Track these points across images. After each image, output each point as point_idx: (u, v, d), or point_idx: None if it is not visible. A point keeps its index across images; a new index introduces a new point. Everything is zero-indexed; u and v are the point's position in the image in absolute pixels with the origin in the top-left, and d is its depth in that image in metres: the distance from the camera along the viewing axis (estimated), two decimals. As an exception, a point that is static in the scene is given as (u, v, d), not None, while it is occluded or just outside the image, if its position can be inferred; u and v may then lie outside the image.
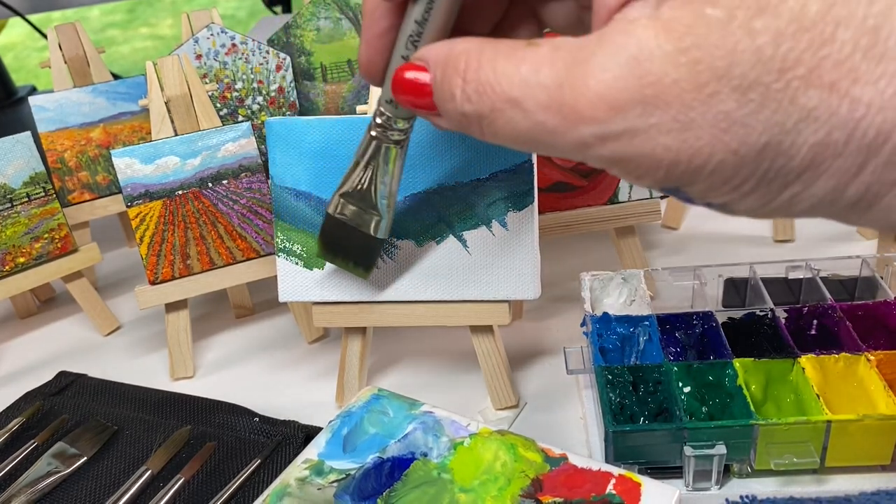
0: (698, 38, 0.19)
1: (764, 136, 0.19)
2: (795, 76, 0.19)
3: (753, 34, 0.19)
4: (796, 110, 0.19)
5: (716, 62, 0.19)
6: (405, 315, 0.46)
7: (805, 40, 0.19)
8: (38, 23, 1.03)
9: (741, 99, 0.19)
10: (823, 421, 0.38)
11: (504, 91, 0.22)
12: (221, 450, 0.44)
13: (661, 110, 0.20)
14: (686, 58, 0.19)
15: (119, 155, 0.51)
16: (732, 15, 0.19)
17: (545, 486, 0.36)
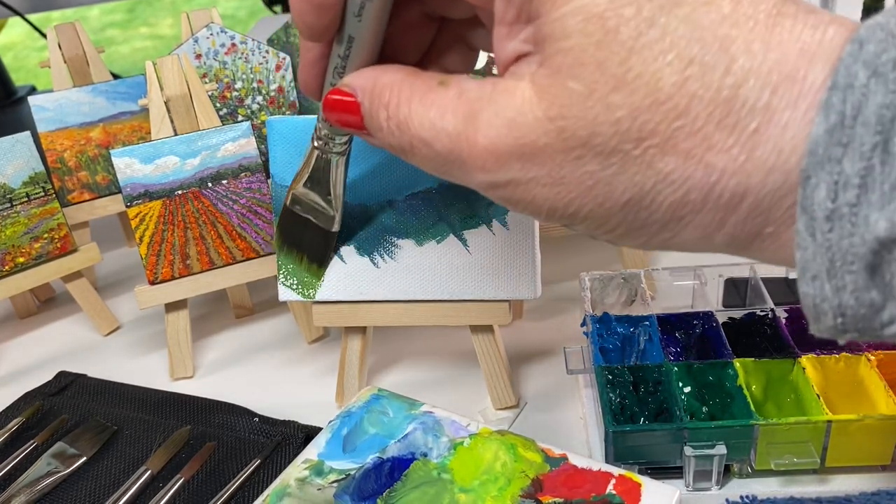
0: (563, 108, 0.21)
1: (626, 193, 0.22)
2: (652, 144, 0.21)
3: (611, 108, 0.21)
4: (654, 173, 0.21)
5: (579, 131, 0.21)
6: (405, 315, 0.46)
7: (660, 113, 0.20)
8: (37, 22, 1.03)
9: (604, 163, 0.21)
10: (824, 421, 0.38)
11: (417, 132, 0.25)
12: (221, 450, 0.44)
13: (537, 167, 0.22)
14: (554, 125, 0.21)
15: (119, 155, 0.51)
16: (592, 89, 0.21)
17: (545, 486, 0.36)
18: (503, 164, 0.23)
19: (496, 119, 0.23)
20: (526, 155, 0.22)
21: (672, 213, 0.22)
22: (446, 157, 0.24)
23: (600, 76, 0.21)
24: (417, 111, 0.25)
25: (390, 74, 0.26)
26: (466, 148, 0.23)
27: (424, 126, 0.24)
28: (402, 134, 0.25)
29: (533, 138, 0.22)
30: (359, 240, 0.45)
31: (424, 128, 0.24)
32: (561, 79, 0.21)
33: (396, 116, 0.25)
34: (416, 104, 0.25)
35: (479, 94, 0.23)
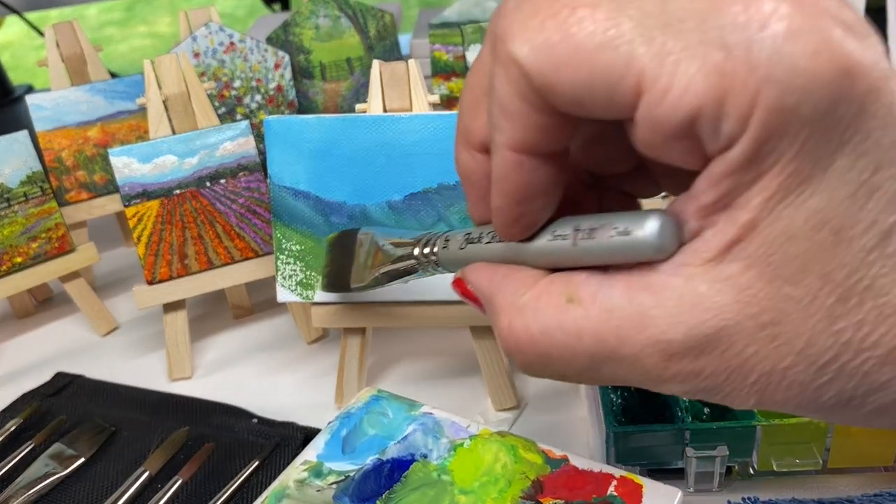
0: (777, 314, 0.19)
1: (833, 399, 0.20)
2: (872, 356, 0.19)
3: (833, 318, 0.19)
4: (869, 383, 0.20)
5: (794, 339, 0.19)
6: (405, 315, 0.46)
7: (885, 325, 0.19)
8: (35, 21, 1.02)
9: (816, 372, 0.20)
10: (826, 422, 0.38)
11: (548, 352, 0.22)
12: (220, 451, 0.44)
13: (743, 376, 0.20)
14: (764, 333, 0.19)
15: (116, 154, 0.51)
16: (814, 297, 0.19)
17: (546, 487, 0.36)
18: (696, 376, 0.20)
19: (677, 334, 0.20)
20: (731, 369, 0.20)
21: (876, 412, 0.20)
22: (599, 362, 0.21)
23: (824, 285, 0.19)
24: (543, 340, 0.22)
25: (509, 284, 0.23)
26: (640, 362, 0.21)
27: (557, 348, 0.22)
28: (522, 353, 0.23)
29: (740, 348, 0.20)
30: (358, 240, 0.45)
31: (557, 350, 0.22)
32: (777, 284, 0.19)
33: (516, 340, 0.23)
34: (538, 331, 0.22)
35: (636, 308, 0.20)
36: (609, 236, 0.21)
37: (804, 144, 0.18)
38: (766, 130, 0.18)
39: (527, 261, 0.24)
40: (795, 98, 0.17)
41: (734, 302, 0.19)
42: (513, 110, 0.21)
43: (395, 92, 0.45)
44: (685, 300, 0.20)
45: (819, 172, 0.18)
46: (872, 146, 0.18)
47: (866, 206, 0.18)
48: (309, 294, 0.46)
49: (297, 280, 0.46)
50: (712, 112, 0.18)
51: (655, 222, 0.20)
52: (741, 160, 0.18)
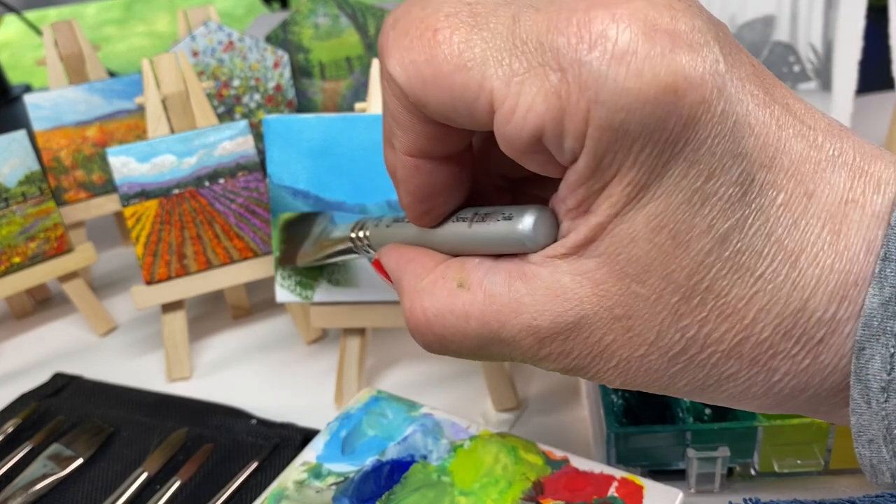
0: (629, 309, 0.21)
1: (688, 386, 0.22)
2: (717, 351, 0.21)
3: (678, 316, 0.21)
4: (717, 373, 0.22)
5: (645, 332, 0.21)
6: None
7: (726, 324, 0.21)
8: (33, 20, 1.02)
9: (668, 362, 0.22)
10: (827, 422, 0.37)
11: (442, 334, 0.24)
12: (218, 452, 0.44)
13: (604, 361, 0.22)
14: (620, 324, 0.21)
15: (115, 153, 0.50)
16: (659, 296, 0.21)
17: (546, 488, 0.35)
18: (566, 356, 0.23)
19: (545, 320, 0.22)
20: (594, 353, 0.22)
21: (731, 399, 0.22)
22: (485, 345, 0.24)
23: (667, 285, 0.20)
24: (437, 321, 0.24)
25: (412, 268, 0.26)
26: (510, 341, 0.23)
27: (449, 330, 0.24)
28: (420, 333, 0.25)
29: (599, 336, 0.22)
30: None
31: (450, 332, 0.24)
32: (626, 282, 0.21)
33: (416, 322, 0.25)
34: (433, 314, 0.24)
35: (513, 296, 0.22)
36: (496, 220, 0.23)
37: (637, 156, 0.19)
38: (600, 146, 0.19)
39: (433, 243, 0.26)
40: (622, 116, 0.19)
41: (592, 294, 0.21)
42: (402, 120, 0.23)
43: (394, 91, 0.45)
44: (551, 290, 0.22)
45: (655, 181, 0.20)
46: (706, 155, 0.19)
47: (701, 211, 0.20)
48: (308, 294, 0.46)
49: (296, 280, 0.46)
50: (553, 130, 0.20)
51: (532, 216, 0.22)
52: (585, 172, 0.20)
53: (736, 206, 0.20)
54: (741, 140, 0.19)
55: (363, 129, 0.44)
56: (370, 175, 0.44)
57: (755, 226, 0.20)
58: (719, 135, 0.19)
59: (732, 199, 0.20)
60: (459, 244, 0.25)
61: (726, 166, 0.19)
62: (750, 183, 0.20)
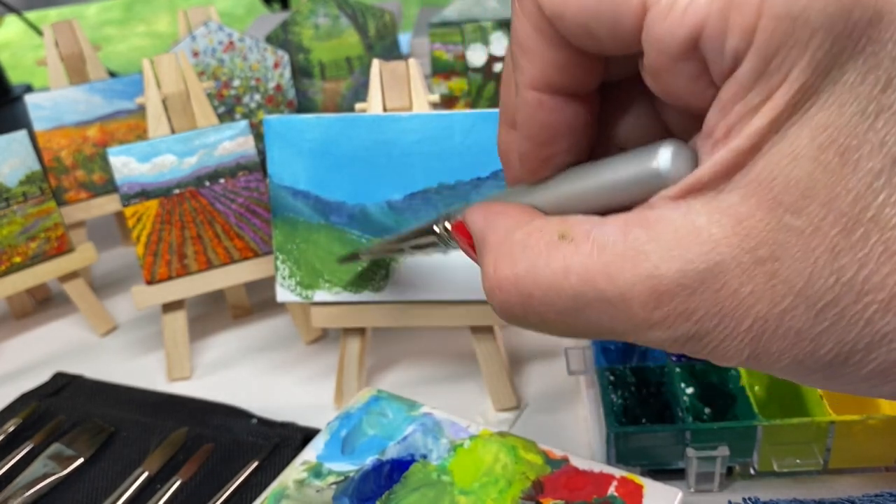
0: (776, 248, 0.18)
1: (833, 351, 0.18)
2: (875, 300, 0.18)
3: (836, 252, 0.17)
4: (870, 333, 0.18)
5: (793, 277, 0.18)
6: (405, 315, 0.46)
7: (890, 265, 0.17)
8: (34, 20, 1.02)
9: (815, 317, 0.18)
10: (827, 422, 0.38)
11: (532, 295, 0.21)
12: (219, 452, 0.44)
13: (735, 321, 0.19)
14: (762, 269, 0.18)
15: (115, 153, 0.50)
16: (817, 227, 0.17)
17: (546, 488, 0.35)
18: (686, 319, 0.19)
19: (669, 270, 0.18)
20: (724, 311, 0.18)
21: (878, 373, 0.19)
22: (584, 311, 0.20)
23: (827, 214, 0.17)
24: (526, 277, 0.20)
25: (503, 222, 0.22)
26: (635, 306, 0.19)
27: (540, 288, 0.20)
28: (513, 292, 0.21)
29: (735, 287, 0.18)
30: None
31: (540, 290, 0.20)
32: (778, 213, 0.18)
33: (499, 279, 0.21)
34: (523, 268, 0.21)
35: (630, 244, 0.19)
36: (622, 159, 0.20)
37: (815, 54, 0.17)
38: (772, 40, 0.17)
39: (539, 200, 0.22)
40: (804, 2, 0.16)
41: (732, 234, 0.18)
42: (530, 46, 0.20)
43: (394, 91, 0.45)
44: (681, 233, 0.18)
45: (829, 85, 0.17)
46: (886, 59, 0.17)
47: (875, 125, 0.17)
48: (308, 294, 0.46)
49: (297, 280, 0.46)
50: (716, 27, 0.17)
51: (669, 148, 0.19)
52: (748, 78, 0.17)
53: None
54: None
55: (363, 130, 0.44)
56: (370, 175, 0.44)
57: None
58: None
59: None
60: (572, 194, 0.21)
61: None
62: None
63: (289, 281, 0.46)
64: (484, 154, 0.43)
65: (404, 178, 0.44)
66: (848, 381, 0.19)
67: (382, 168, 0.44)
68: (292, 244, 0.46)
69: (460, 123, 0.43)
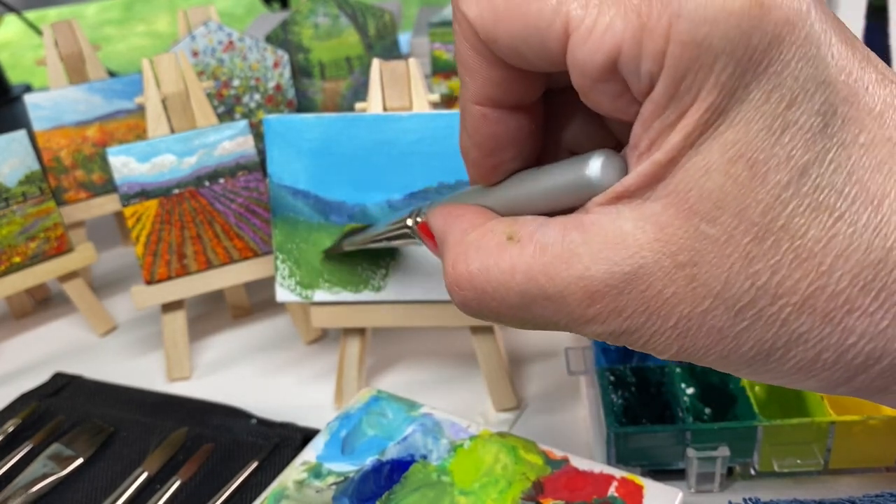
0: (694, 254, 0.19)
1: (754, 349, 0.20)
2: (789, 303, 0.19)
3: (749, 259, 0.19)
4: (787, 333, 0.20)
5: (711, 281, 0.19)
6: (404, 315, 0.45)
7: (801, 270, 0.19)
8: (33, 20, 1.02)
9: (734, 318, 0.20)
10: (827, 422, 0.37)
11: (484, 290, 0.23)
12: (218, 452, 0.44)
13: (661, 319, 0.20)
14: (683, 273, 0.19)
15: (115, 153, 0.50)
16: (730, 236, 0.19)
17: (546, 488, 0.35)
18: (617, 315, 0.20)
19: (598, 271, 0.20)
20: (651, 309, 0.20)
21: (799, 368, 0.20)
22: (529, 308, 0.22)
23: (739, 223, 0.19)
24: (479, 276, 0.22)
25: (460, 224, 0.24)
26: (571, 302, 0.21)
27: (491, 285, 0.22)
28: (461, 291, 0.23)
29: (659, 288, 0.20)
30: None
31: (492, 286, 0.22)
32: (694, 221, 0.19)
33: (457, 276, 0.23)
34: (476, 267, 0.23)
35: (566, 246, 0.21)
36: (560, 167, 0.22)
37: (719, 76, 0.18)
38: (680, 64, 0.18)
39: (491, 201, 0.25)
40: (705, 30, 0.18)
41: (654, 240, 0.19)
42: (471, 65, 0.22)
43: (394, 91, 0.45)
44: (610, 237, 0.20)
45: (735, 105, 0.18)
46: (788, 78, 0.18)
47: (781, 139, 0.18)
48: (308, 294, 0.46)
49: (297, 280, 0.46)
50: (631, 51, 0.18)
51: (600, 157, 0.21)
52: (663, 98, 0.19)
53: (817, 138, 0.18)
54: (825, 69, 0.18)
55: (363, 129, 0.44)
56: (370, 175, 0.44)
57: (836, 162, 0.18)
58: (803, 58, 0.18)
59: (814, 129, 0.18)
60: (518, 197, 0.24)
61: (809, 93, 0.18)
62: (832, 115, 0.18)
63: (289, 281, 0.46)
64: (484, 154, 0.42)
65: (404, 178, 0.44)
66: (774, 375, 0.21)
67: (382, 168, 0.44)
68: (292, 244, 0.46)
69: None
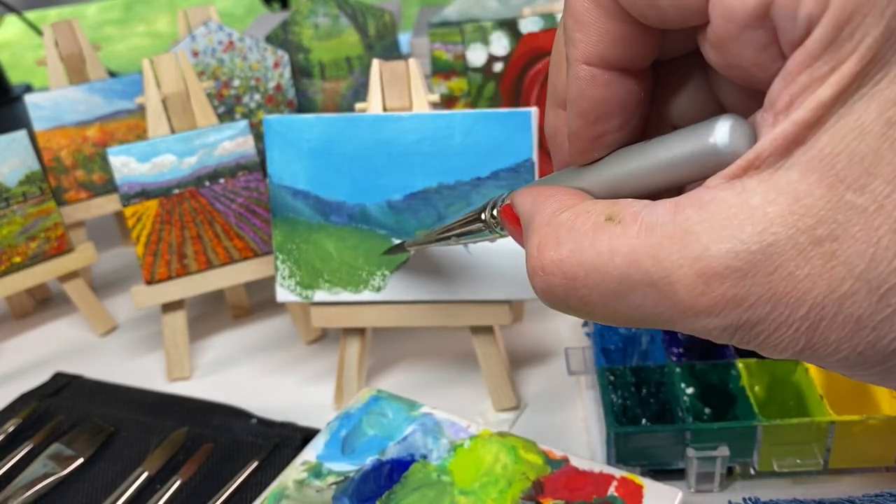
0: (837, 227, 0.17)
1: (894, 342, 0.17)
2: None
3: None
4: None
5: (854, 258, 0.17)
6: (405, 315, 0.45)
7: None
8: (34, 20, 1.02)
9: (878, 303, 0.17)
10: (827, 422, 0.37)
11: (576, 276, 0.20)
12: (219, 452, 0.44)
13: (791, 308, 0.17)
14: (821, 250, 0.17)
15: (115, 153, 0.50)
16: (880, 205, 0.16)
17: (546, 488, 0.35)
18: (737, 305, 0.18)
19: (719, 251, 0.17)
20: (778, 296, 0.17)
21: None
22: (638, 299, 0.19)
23: (893, 191, 0.16)
24: (571, 258, 0.20)
25: (551, 204, 0.21)
26: (681, 292, 0.18)
27: (585, 269, 0.19)
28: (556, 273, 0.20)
29: (790, 270, 0.17)
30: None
31: (585, 271, 0.19)
32: (839, 191, 0.17)
33: (543, 260, 0.20)
34: (568, 249, 0.20)
35: (680, 225, 0.18)
36: (678, 136, 0.19)
37: (890, 22, 0.16)
38: (847, 5, 0.16)
39: (589, 181, 0.22)
40: None
41: (788, 213, 0.17)
42: (586, 19, 0.20)
43: (395, 91, 0.45)
44: (734, 213, 0.17)
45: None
46: None
47: None
48: (308, 294, 0.46)
49: (297, 280, 0.46)
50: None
51: (727, 122, 0.18)
52: (819, 46, 0.16)
53: None
54: None
55: (363, 129, 0.44)
56: (370, 175, 0.44)
57: None
58: None
59: None
60: (622, 175, 0.21)
61: None
62: None
63: (289, 281, 0.46)
64: (484, 154, 0.42)
65: (404, 178, 0.44)
66: None
67: (382, 168, 0.44)
68: (292, 244, 0.46)
69: (460, 123, 0.43)
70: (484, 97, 0.64)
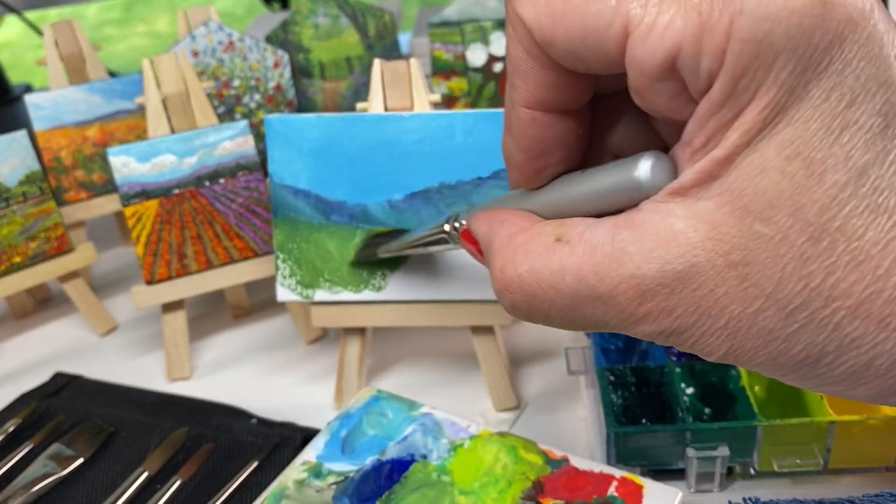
0: (747, 253, 0.19)
1: (804, 352, 0.20)
2: (842, 306, 0.19)
3: (804, 259, 0.19)
4: (839, 337, 0.19)
5: (763, 281, 0.19)
6: (405, 315, 0.46)
7: (857, 273, 0.18)
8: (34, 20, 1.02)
9: (785, 319, 0.19)
10: (827, 422, 0.38)
11: (534, 292, 0.22)
12: (219, 452, 0.44)
13: (712, 319, 0.20)
14: (735, 272, 0.19)
15: (115, 153, 0.50)
16: (784, 235, 0.19)
17: (546, 488, 0.35)
18: (668, 315, 0.20)
19: (650, 270, 0.20)
20: (701, 309, 0.20)
21: (850, 374, 0.20)
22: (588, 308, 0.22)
23: (794, 223, 0.18)
24: (528, 278, 0.22)
25: (506, 228, 0.24)
26: (618, 298, 0.21)
27: (541, 287, 0.22)
28: (510, 294, 0.23)
29: (710, 288, 0.19)
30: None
31: (541, 289, 0.22)
32: (748, 220, 0.19)
33: (505, 280, 0.23)
34: (525, 269, 0.22)
35: (617, 245, 0.20)
36: (607, 169, 0.22)
37: (779, 74, 0.18)
38: (740, 62, 0.18)
39: (535, 206, 0.24)
40: (767, 27, 0.17)
41: (706, 239, 0.19)
42: (523, 68, 0.22)
43: (396, 91, 0.45)
44: (661, 236, 0.20)
45: (794, 103, 0.18)
46: (850, 77, 0.18)
47: (840, 140, 0.18)
48: (309, 294, 0.46)
49: (297, 279, 0.46)
50: (690, 49, 0.18)
51: (649, 159, 0.20)
52: (721, 96, 0.19)
53: (877, 139, 0.18)
54: (887, 69, 0.18)
55: (364, 129, 0.44)
56: (371, 175, 0.44)
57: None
58: (865, 58, 0.18)
59: (874, 129, 0.18)
60: (564, 200, 0.23)
61: (870, 93, 0.18)
62: (894, 116, 0.18)
63: (289, 280, 0.46)
64: (485, 154, 0.42)
65: (405, 178, 0.44)
66: (822, 381, 0.20)
67: (383, 168, 0.44)
68: (293, 243, 0.46)
69: (461, 123, 0.43)
70: (484, 97, 0.64)
